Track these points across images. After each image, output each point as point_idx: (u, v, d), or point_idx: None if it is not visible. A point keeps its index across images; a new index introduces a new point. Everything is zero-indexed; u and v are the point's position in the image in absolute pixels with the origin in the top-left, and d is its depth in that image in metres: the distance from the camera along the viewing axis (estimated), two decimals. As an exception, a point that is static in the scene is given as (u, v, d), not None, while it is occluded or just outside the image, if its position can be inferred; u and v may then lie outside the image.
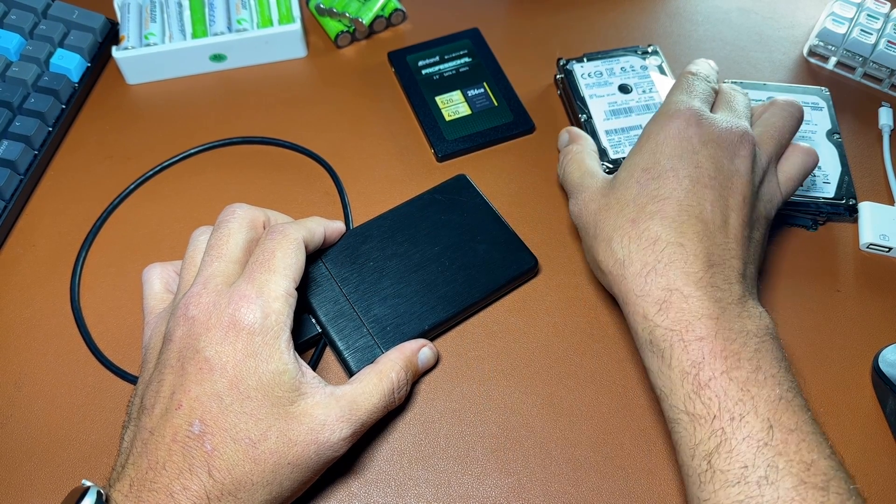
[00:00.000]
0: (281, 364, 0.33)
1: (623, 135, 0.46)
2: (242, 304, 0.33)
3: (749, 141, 0.37)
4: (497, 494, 0.37)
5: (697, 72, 0.41)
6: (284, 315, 0.34)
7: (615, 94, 0.48)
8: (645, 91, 0.48)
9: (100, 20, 0.53)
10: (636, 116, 0.47)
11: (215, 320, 0.33)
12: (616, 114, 0.47)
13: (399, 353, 0.38)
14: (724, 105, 0.40)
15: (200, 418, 0.31)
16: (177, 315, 0.34)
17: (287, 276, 0.35)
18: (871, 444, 0.39)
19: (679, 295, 0.33)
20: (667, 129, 0.37)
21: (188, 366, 0.32)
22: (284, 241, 0.36)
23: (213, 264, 0.35)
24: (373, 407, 0.35)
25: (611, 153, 0.45)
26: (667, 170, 0.36)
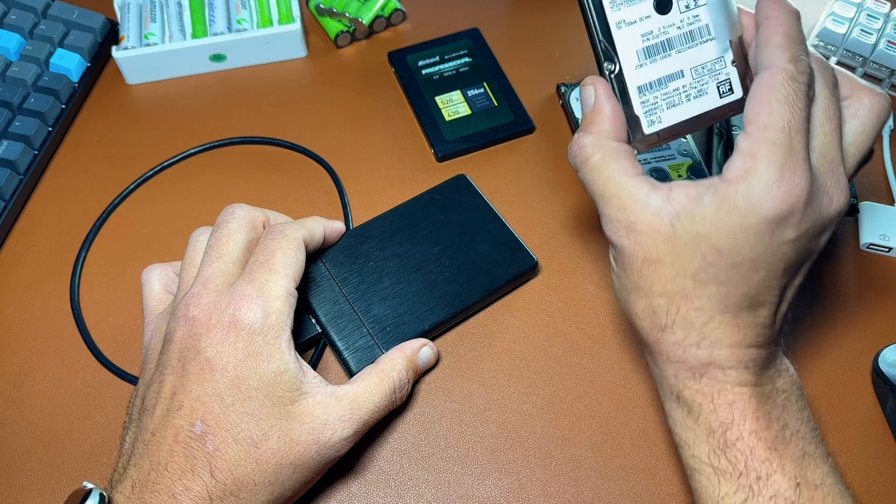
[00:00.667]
0: (282, 364, 0.33)
1: (660, 91, 0.32)
2: (243, 304, 0.33)
3: (842, 212, 0.30)
4: (497, 494, 0.37)
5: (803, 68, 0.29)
6: (285, 315, 0.34)
7: (650, 17, 0.32)
8: (689, 4, 0.32)
9: (100, 20, 0.53)
10: (677, 56, 0.32)
11: (216, 320, 0.33)
12: (651, 54, 0.32)
13: (400, 353, 0.38)
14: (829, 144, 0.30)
15: (202, 419, 0.31)
16: (177, 316, 0.34)
17: (287, 275, 0.35)
18: (871, 444, 0.39)
19: (718, 369, 0.30)
20: (764, 211, 0.28)
21: (189, 366, 0.32)
22: (284, 241, 0.35)
23: (213, 265, 0.35)
24: (374, 406, 0.35)
25: (644, 125, 0.32)
26: (746, 262, 0.29)
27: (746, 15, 0.32)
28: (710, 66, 0.32)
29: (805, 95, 0.29)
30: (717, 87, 0.32)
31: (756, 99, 0.29)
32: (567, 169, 0.48)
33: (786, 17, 0.30)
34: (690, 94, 0.32)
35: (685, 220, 0.29)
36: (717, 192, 0.28)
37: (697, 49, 0.32)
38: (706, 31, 0.32)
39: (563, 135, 0.50)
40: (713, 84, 0.32)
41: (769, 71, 0.29)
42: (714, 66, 0.32)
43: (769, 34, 0.29)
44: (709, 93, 0.32)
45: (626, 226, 0.30)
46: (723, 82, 0.32)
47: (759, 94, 0.29)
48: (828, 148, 0.29)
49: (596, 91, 0.32)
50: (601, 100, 0.31)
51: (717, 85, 0.32)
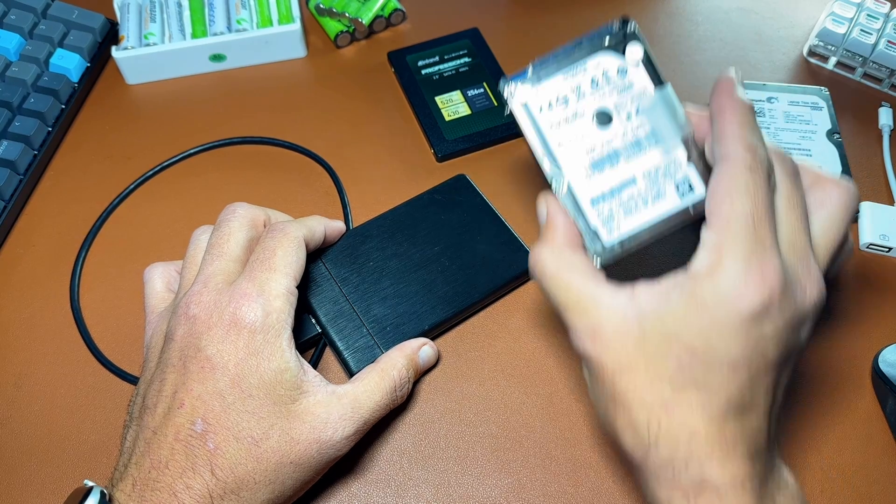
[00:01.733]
0: (282, 362, 0.33)
1: (614, 200, 0.31)
2: (244, 303, 0.33)
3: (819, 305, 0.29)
4: (497, 495, 0.37)
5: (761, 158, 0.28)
6: (285, 313, 0.34)
7: (592, 132, 0.31)
8: (630, 115, 0.32)
9: (99, 20, 0.53)
10: (626, 164, 0.31)
11: (216, 319, 0.33)
12: (599, 166, 0.31)
13: (400, 352, 0.38)
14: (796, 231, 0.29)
15: (203, 417, 0.31)
16: (178, 314, 0.34)
17: (288, 274, 0.35)
18: (871, 445, 0.39)
19: (713, 492, 0.27)
20: (735, 306, 0.26)
21: (190, 364, 0.32)
22: (285, 240, 0.35)
23: (213, 263, 0.35)
24: (375, 405, 0.35)
25: (603, 234, 0.31)
26: (723, 362, 0.27)
27: (696, 113, 0.32)
28: (664, 168, 0.31)
29: (766, 184, 0.28)
30: (676, 186, 0.31)
31: (715, 191, 0.28)
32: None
33: (739, 109, 0.29)
34: (647, 198, 0.31)
35: (653, 319, 0.27)
36: (685, 288, 0.27)
37: (647, 154, 0.31)
38: (653, 137, 0.31)
39: (563, 135, 0.50)
40: (671, 185, 0.31)
41: (726, 162, 0.28)
42: (669, 168, 0.31)
43: (724, 126, 0.29)
44: (667, 195, 0.31)
45: (591, 332, 0.28)
46: (681, 182, 0.31)
47: (717, 186, 0.28)
48: (795, 237, 0.28)
49: (548, 207, 0.31)
50: (553, 214, 0.31)
51: (675, 185, 0.31)
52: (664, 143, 0.31)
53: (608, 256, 0.31)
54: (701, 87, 0.52)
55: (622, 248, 0.31)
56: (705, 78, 0.53)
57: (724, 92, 0.30)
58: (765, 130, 0.47)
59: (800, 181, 0.30)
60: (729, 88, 0.30)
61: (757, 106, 0.49)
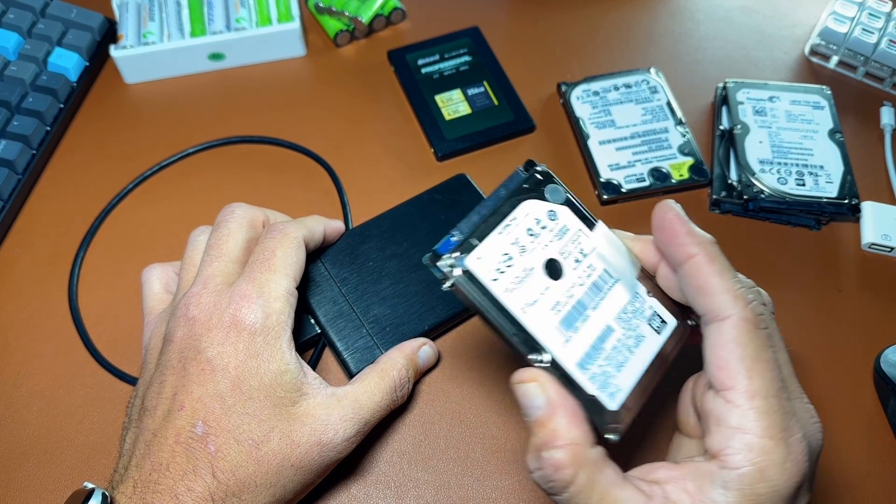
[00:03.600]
0: (283, 364, 0.32)
1: (600, 357, 0.28)
2: (243, 304, 0.33)
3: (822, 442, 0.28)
4: (497, 496, 0.37)
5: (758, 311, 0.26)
6: (285, 315, 0.34)
7: (549, 287, 0.28)
8: (578, 259, 0.29)
9: (98, 19, 0.53)
10: (595, 313, 0.29)
11: (216, 320, 0.32)
12: (570, 323, 0.28)
13: (400, 352, 0.38)
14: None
15: (203, 419, 0.31)
16: (177, 315, 0.33)
17: (288, 275, 0.34)
18: (872, 445, 0.38)
19: None
20: (784, 491, 0.25)
21: (190, 366, 0.32)
22: (285, 240, 0.35)
23: (212, 264, 0.35)
24: (375, 406, 0.35)
25: (606, 401, 0.27)
26: None
27: (637, 240, 0.30)
28: (630, 308, 0.29)
29: (769, 339, 0.26)
30: (649, 324, 0.29)
31: (724, 360, 0.26)
32: (566, 169, 0.48)
33: (711, 252, 0.27)
34: (629, 345, 0.28)
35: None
36: (731, 487, 0.25)
37: (609, 297, 0.29)
38: (608, 276, 0.29)
39: (564, 134, 0.50)
40: (644, 324, 0.29)
41: (727, 323, 0.26)
42: (635, 307, 0.29)
43: (706, 277, 0.26)
44: (646, 335, 0.29)
45: None
46: (652, 318, 0.29)
47: (725, 353, 0.26)
48: (791, 381, 0.27)
49: (543, 387, 0.27)
50: (552, 397, 0.26)
51: (648, 323, 0.29)
52: (621, 281, 0.29)
53: (622, 427, 0.27)
54: (701, 87, 0.52)
55: (629, 412, 0.27)
56: (706, 78, 0.53)
57: (683, 232, 0.27)
58: (766, 130, 0.47)
59: (771, 306, 0.28)
60: (685, 227, 0.27)
61: (758, 105, 0.48)
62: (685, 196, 0.47)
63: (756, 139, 0.47)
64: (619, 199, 0.46)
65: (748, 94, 0.49)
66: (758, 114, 0.48)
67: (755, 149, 0.46)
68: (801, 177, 0.45)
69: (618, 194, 0.46)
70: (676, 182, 0.46)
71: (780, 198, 0.44)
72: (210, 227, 0.37)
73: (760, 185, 0.45)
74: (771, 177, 0.45)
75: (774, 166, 0.46)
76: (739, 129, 0.47)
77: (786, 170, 0.46)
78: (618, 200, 0.46)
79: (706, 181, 0.47)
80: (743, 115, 0.48)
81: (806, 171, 0.46)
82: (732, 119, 0.48)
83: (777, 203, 0.45)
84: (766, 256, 0.45)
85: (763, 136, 0.47)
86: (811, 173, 0.46)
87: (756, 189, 0.45)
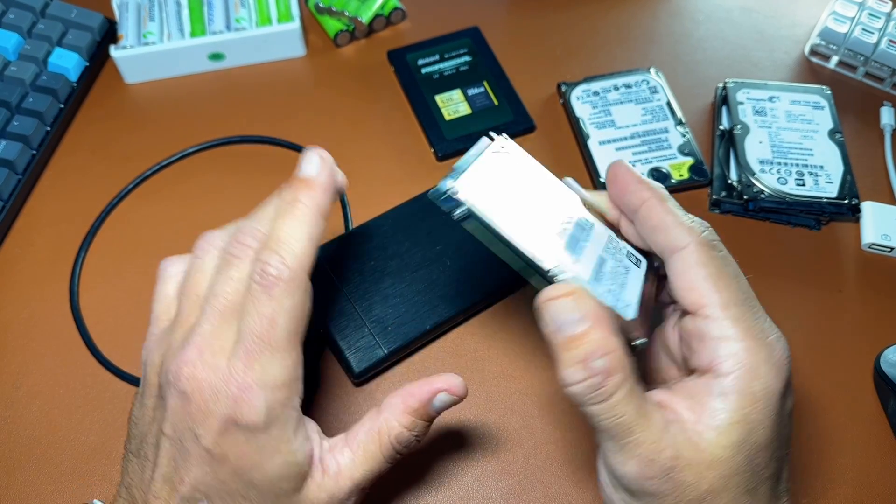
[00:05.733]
0: (288, 456, 0.29)
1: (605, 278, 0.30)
2: (243, 398, 0.28)
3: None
4: (497, 496, 0.37)
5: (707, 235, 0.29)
6: (293, 397, 0.29)
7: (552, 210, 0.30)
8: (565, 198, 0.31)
9: (98, 19, 0.53)
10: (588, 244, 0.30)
11: (213, 407, 0.28)
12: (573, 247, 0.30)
13: (404, 406, 0.32)
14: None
15: (206, 494, 0.29)
16: (168, 381, 0.29)
17: (294, 345, 0.29)
18: (873, 445, 0.38)
19: None
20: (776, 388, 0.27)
21: (187, 445, 0.29)
22: (286, 299, 0.29)
23: (206, 322, 0.29)
24: (373, 475, 0.32)
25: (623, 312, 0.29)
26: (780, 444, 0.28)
27: (596, 195, 0.32)
28: (611, 245, 0.31)
29: (727, 258, 0.29)
30: (629, 259, 0.31)
31: (692, 281, 0.28)
32: (566, 169, 0.48)
33: (662, 193, 0.30)
34: (621, 271, 0.30)
35: (722, 435, 0.26)
36: (728, 391, 0.27)
37: (593, 235, 0.30)
38: (586, 221, 0.31)
39: (564, 134, 0.50)
40: (626, 259, 0.31)
41: (687, 250, 0.28)
42: (615, 245, 0.31)
43: (660, 216, 0.29)
44: (629, 268, 0.31)
45: (667, 467, 0.26)
46: (629, 255, 0.31)
47: (691, 275, 0.28)
48: (755, 300, 0.29)
49: (579, 301, 0.27)
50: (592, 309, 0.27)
51: (627, 258, 0.31)
52: (596, 225, 0.31)
53: (642, 335, 0.29)
54: (701, 87, 0.52)
55: (642, 324, 0.29)
56: (706, 78, 0.53)
57: (634, 181, 0.30)
58: (766, 130, 0.47)
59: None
60: (635, 177, 0.30)
61: (758, 105, 0.49)
62: (685, 196, 0.47)
63: (756, 139, 0.47)
64: (620, 199, 0.46)
65: (748, 94, 0.49)
66: (758, 114, 0.48)
67: (755, 149, 0.46)
68: (801, 177, 0.45)
69: (618, 194, 0.46)
70: (676, 182, 0.46)
71: (780, 198, 0.45)
72: (182, 259, 0.33)
73: (760, 185, 0.45)
74: (771, 177, 0.45)
75: (774, 166, 0.46)
76: (739, 129, 0.47)
77: (786, 170, 0.46)
78: (618, 200, 0.46)
79: (706, 181, 0.47)
80: (743, 116, 0.48)
81: (806, 171, 0.46)
82: (732, 119, 0.48)
83: (777, 203, 0.45)
84: (766, 256, 0.45)
85: (763, 136, 0.47)
86: (811, 173, 0.46)
87: (756, 189, 0.45)
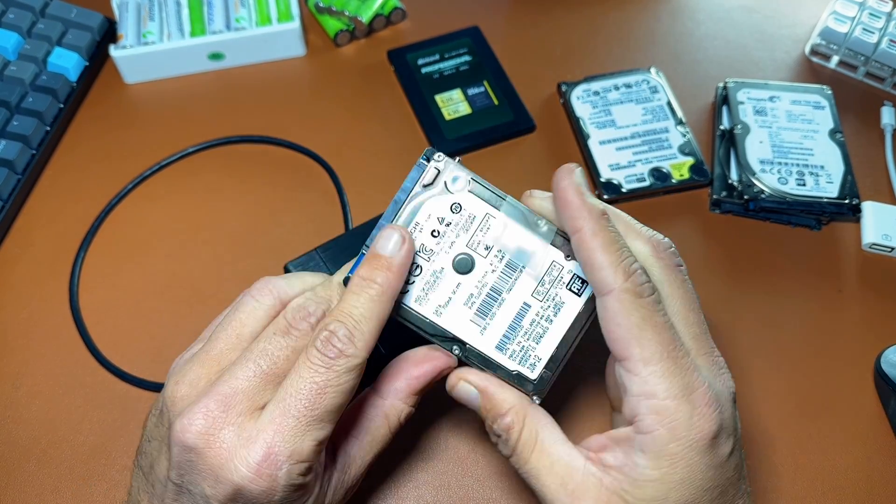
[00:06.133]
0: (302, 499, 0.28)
1: (518, 335, 0.30)
2: (263, 473, 0.26)
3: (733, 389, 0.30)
4: (498, 496, 0.37)
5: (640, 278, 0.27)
6: (315, 468, 0.28)
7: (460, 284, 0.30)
8: (488, 246, 0.30)
9: (98, 19, 0.53)
10: (511, 295, 0.30)
11: (226, 472, 0.26)
12: (484, 312, 0.30)
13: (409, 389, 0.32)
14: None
15: None
16: (174, 436, 0.27)
17: (332, 424, 0.27)
18: (873, 445, 0.38)
19: None
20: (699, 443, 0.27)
21: (196, 497, 0.27)
22: (344, 374, 0.27)
23: (243, 377, 0.27)
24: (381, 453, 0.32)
25: (528, 373, 0.30)
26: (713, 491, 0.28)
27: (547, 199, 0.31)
28: (547, 279, 0.30)
29: (655, 305, 0.27)
30: (569, 289, 0.30)
31: (614, 332, 0.27)
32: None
33: (595, 225, 0.27)
34: (548, 315, 0.30)
35: (633, 490, 0.27)
36: (647, 449, 0.27)
37: (525, 274, 0.30)
38: (521, 254, 0.30)
39: (564, 134, 0.50)
40: (564, 290, 0.30)
41: (611, 297, 0.27)
42: (552, 276, 0.30)
43: (588, 253, 0.27)
44: (566, 301, 0.30)
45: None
46: (571, 281, 0.30)
47: (613, 326, 0.27)
48: (697, 332, 0.28)
49: (468, 382, 0.30)
50: (479, 384, 0.30)
51: (567, 288, 0.30)
52: (536, 254, 0.30)
53: (544, 388, 0.30)
54: (702, 87, 0.52)
55: (552, 375, 0.30)
56: (707, 77, 0.53)
57: (572, 202, 0.28)
58: (767, 130, 0.47)
59: (679, 266, 0.29)
60: (575, 195, 0.28)
61: (759, 105, 0.48)
62: (685, 196, 0.47)
63: (756, 139, 0.47)
64: (620, 200, 0.46)
65: (749, 93, 0.49)
66: (758, 114, 0.48)
67: (756, 149, 0.46)
68: (801, 177, 0.45)
69: (618, 194, 0.46)
70: (677, 182, 0.46)
71: (781, 198, 0.44)
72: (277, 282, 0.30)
73: (761, 185, 0.45)
74: (771, 177, 0.45)
75: (775, 166, 0.46)
76: (740, 128, 0.47)
77: (786, 170, 0.46)
78: (618, 200, 0.46)
79: (707, 181, 0.47)
80: (743, 115, 0.48)
81: (806, 171, 0.46)
82: (733, 119, 0.48)
83: (777, 203, 0.45)
84: (767, 256, 0.45)
85: (763, 135, 0.47)
86: (812, 173, 0.46)
87: (756, 189, 0.45)
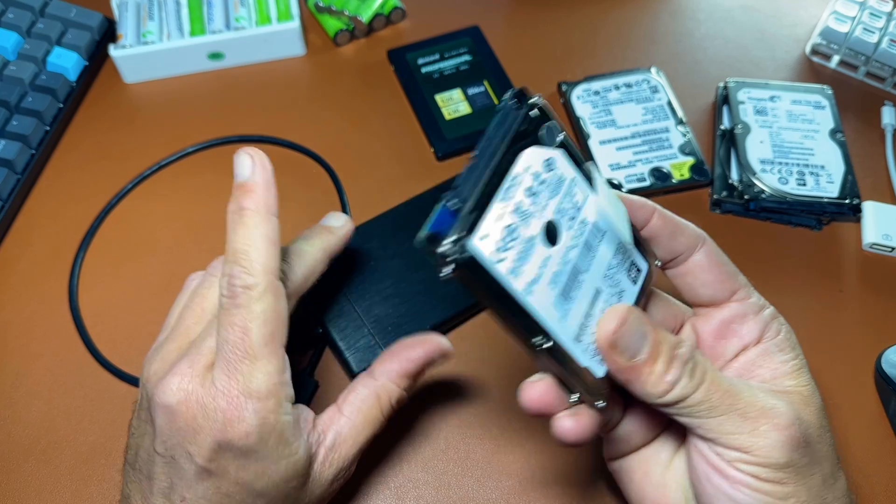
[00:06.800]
0: (290, 458, 0.29)
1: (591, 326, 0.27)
2: (232, 416, 0.28)
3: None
4: (497, 497, 0.37)
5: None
6: (283, 403, 0.29)
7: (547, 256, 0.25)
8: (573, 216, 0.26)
9: (97, 18, 0.53)
10: (587, 277, 0.26)
11: (202, 422, 0.28)
12: (567, 295, 0.26)
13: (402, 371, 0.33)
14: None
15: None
16: (154, 401, 0.29)
17: (272, 350, 0.29)
18: (874, 445, 0.38)
19: None
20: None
21: (181, 462, 0.29)
22: (255, 304, 0.28)
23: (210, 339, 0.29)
24: (374, 436, 0.33)
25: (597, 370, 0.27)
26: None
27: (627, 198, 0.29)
28: (615, 261, 0.28)
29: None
30: (628, 275, 0.28)
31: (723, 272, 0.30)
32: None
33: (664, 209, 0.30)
34: (613, 302, 0.27)
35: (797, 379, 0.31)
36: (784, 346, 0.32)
37: (599, 254, 0.27)
38: (597, 231, 0.27)
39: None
40: (624, 277, 0.28)
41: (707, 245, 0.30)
42: (619, 259, 0.28)
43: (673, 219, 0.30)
44: (625, 289, 0.28)
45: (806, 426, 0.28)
46: (630, 268, 0.28)
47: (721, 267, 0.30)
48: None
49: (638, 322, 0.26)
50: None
51: (626, 274, 0.28)
52: (608, 232, 0.27)
53: (606, 394, 0.27)
54: (702, 87, 0.52)
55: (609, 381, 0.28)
56: (707, 77, 0.53)
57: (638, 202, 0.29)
58: (767, 129, 0.47)
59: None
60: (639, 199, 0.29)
61: (759, 105, 0.48)
62: (686, 196, 0.47)
63: (757, 139, 0.47)
64: (620, 199, 0.46)
65: (749, 93, 0.49)
66: (759, 113, 0.48)
67: (756, 148, 0.46)
68: (802, 177, 0.45)
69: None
70: (677, 182, 0.46)
71: (781, 198, 0.44)
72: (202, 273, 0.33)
73: (761, 184, 0.45)
74: (772, 177, 0.45)
75: (775, 166, 0.46)
76: (740, 128, 0.47)
77: (787, 170, 0.46)
78: (618, 200, 0.46)
79: (707, 181, 0.47)
80: (744, 115, 0.48)
81: (807, 171, 0.46)
82: (733, 119, 0.48)
83: (778, 203, 0.45)
84: (767, 256, 0.45)
85: (764, 135, 0.47)
86: (812, 173, 0.46)
87: (757, 189, 0.45)
